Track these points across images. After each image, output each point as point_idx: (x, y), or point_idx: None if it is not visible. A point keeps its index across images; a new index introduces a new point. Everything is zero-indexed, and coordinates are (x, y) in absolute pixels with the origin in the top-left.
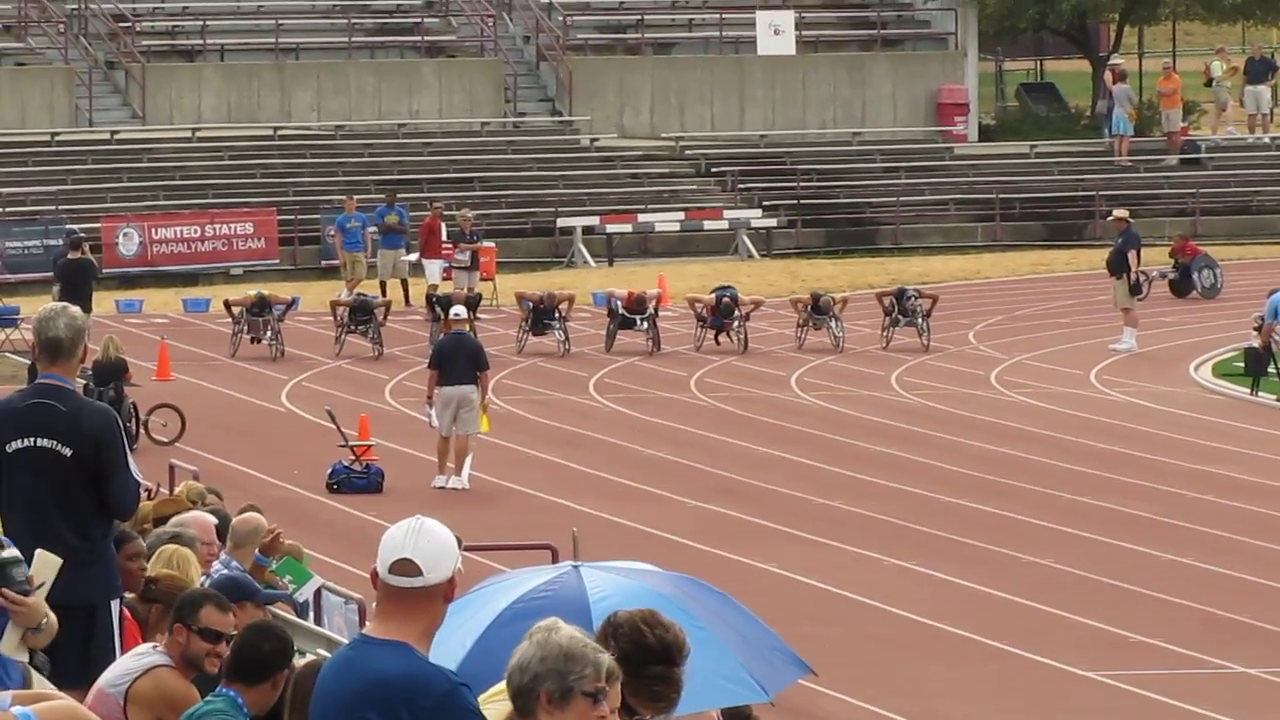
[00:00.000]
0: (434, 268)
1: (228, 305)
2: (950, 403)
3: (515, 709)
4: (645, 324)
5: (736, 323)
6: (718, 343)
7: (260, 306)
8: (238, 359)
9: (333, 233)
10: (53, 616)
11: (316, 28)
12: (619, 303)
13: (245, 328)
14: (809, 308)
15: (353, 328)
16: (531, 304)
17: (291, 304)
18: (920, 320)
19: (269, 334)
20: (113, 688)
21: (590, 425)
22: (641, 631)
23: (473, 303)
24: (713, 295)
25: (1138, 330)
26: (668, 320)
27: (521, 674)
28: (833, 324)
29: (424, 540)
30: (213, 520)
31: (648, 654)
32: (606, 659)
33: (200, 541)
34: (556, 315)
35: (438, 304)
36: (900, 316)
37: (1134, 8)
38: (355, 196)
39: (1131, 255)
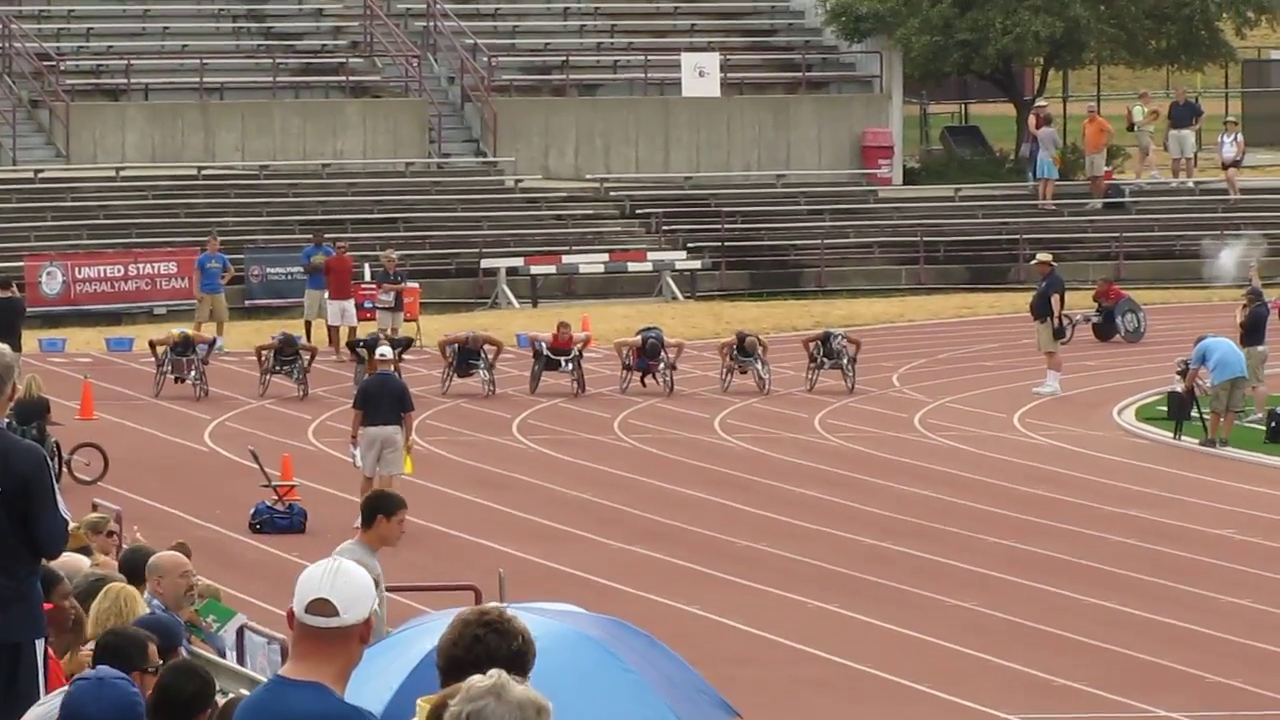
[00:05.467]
0: (336, 308)
1: (152, 345)
2: (873, 445)
3: None
4: (570, 365)
5: (662, 365)
6: (644, 384)
7: (184, 346)
8: (161, 398)
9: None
10: None
11: (241, 67)
12: (543, 344)
13: (169, 368)
14: (734, 350)
15: (277, 368)
16: (456, 345)
17: (212, 344)
18: (845, 363)
19: (193, 374)
20: None
21: (514, 466)
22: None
23: (401, 345)
24: (638, 337)
25: (1061, 374)
26: (593, 362)
27: None
28: (758, 366)
29: (341, 580)
30: (185, 559)
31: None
32: (549, 706)
33: (177, 575)
34: (481, 356)
35: (364, 346)
36: (825, 360)
37: (1058, 52)
38: (219, 237)
39: (1055, 299)
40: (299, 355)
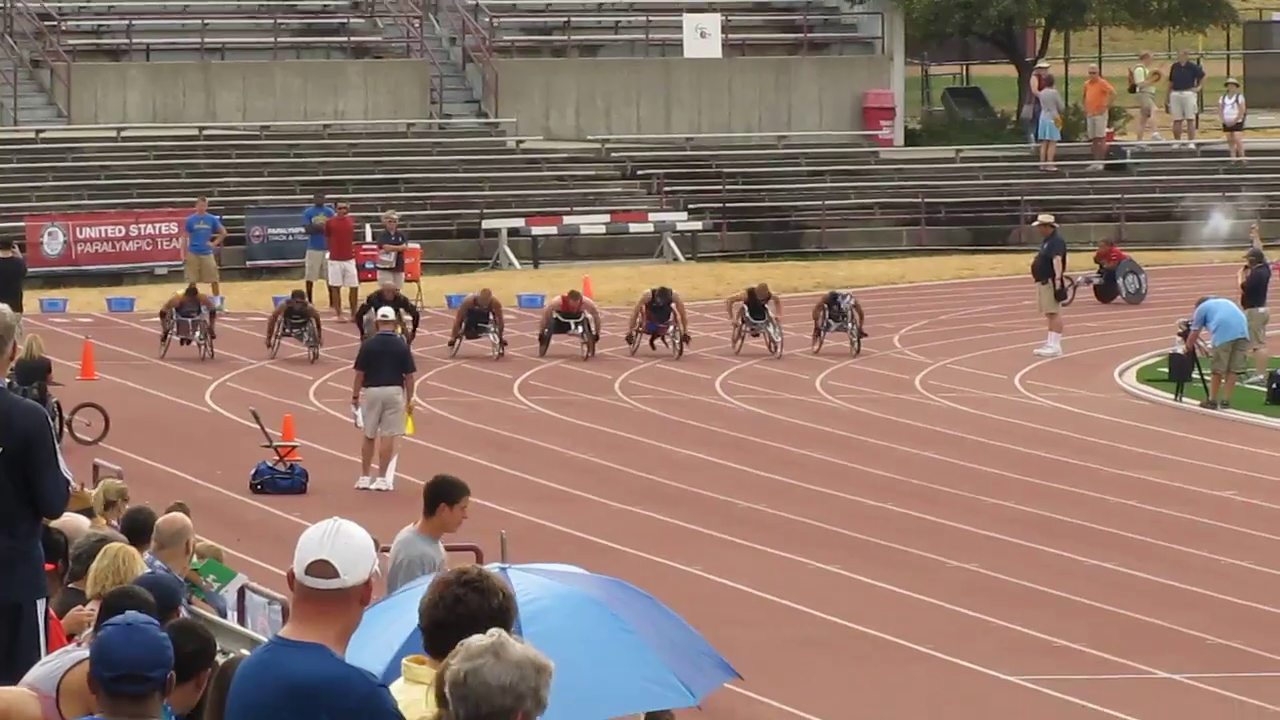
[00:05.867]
0: (337, 269)
1: (163, 315)
2: (875, 407)
3: None
4: (580, 327)
5: (671, 327)
6: (653, 346)
7: (191, 303)
8: (165, 359)
9: (180, 232)
10: None
11: (242, 28)
12: (554, 308)
13: (175, 328)
14: (746, 309)
15: (288, 331)
16: (466, 307)
17: (213, 306)
18: (850, 327)
19: (198, 334)
20: (43, 682)
21: (515, 428)
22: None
23: (405, 304)
24: (649, 293)
25: (1062, 335)
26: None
27: (504, 695)
28: (770, 328)
29: (341, 542)
30: (186, 520)
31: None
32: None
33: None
34: (491, 318)
35: (371, 304)
36: (830, 322)
37: (1060, 14)
38: (208, 199)
39: (1056, 261)
40: (309, 317)
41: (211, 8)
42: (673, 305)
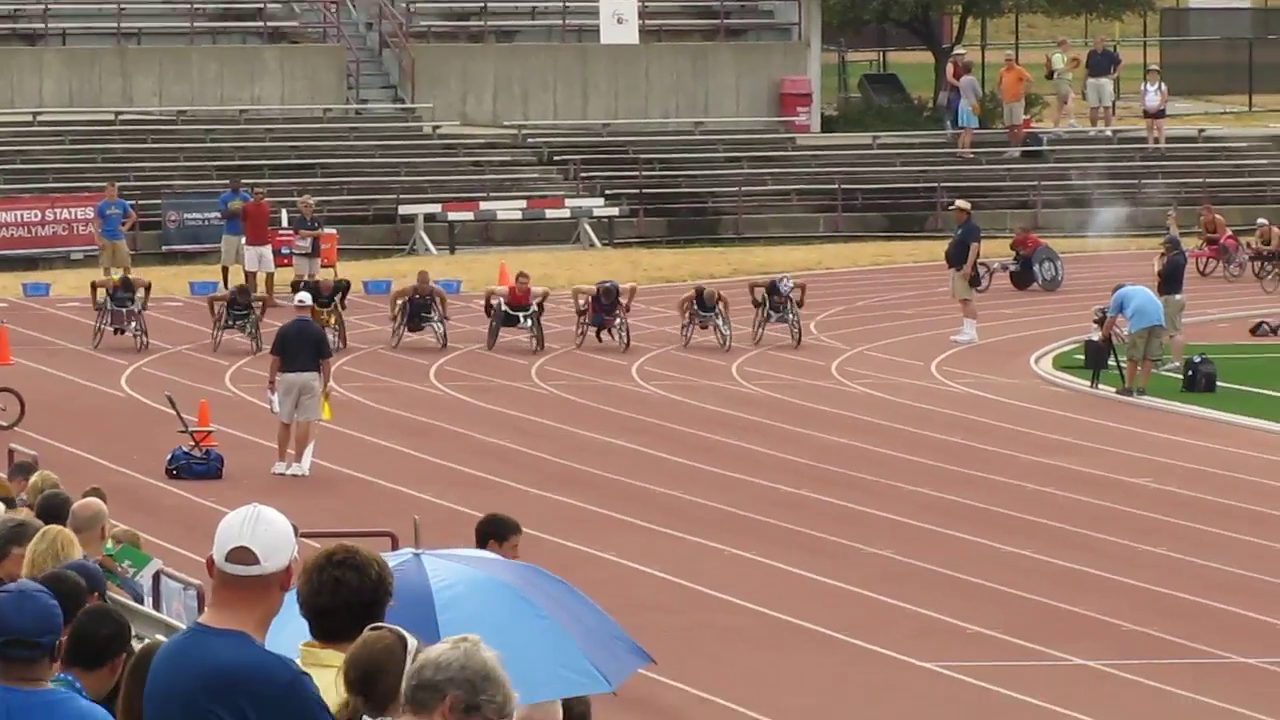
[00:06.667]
0: (253, 254)
1: (94, 286)
2: (791, 393)
3: (407, 697)
4: (529, 321)
5: (618, 320)
6: (599, 339)
7: (125, 291)
8: (80, 344)
9: (92, 218)
10: None
11: (159, 12)
12: (501, 300)
13: (109, 318)
14: (694, 304)
15: (230, 323)
16: (406, 298)
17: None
18: (791, 316)
19: (133, 325)
20: None
21: (431, 413)
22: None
23: (339, 288)
24: (594, 287)
25: (977, 321)
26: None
27: (435, 670)
28: (719, 321)
29: (261, 528)
30: (102, 505)
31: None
32: (515, 698)
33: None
34: (433, 309)
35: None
36: (772, 312)
37: (977, 0)
38: (117, 184)
39: (974, 246)
40: (252, 309)
41: None
42: (620, 298)
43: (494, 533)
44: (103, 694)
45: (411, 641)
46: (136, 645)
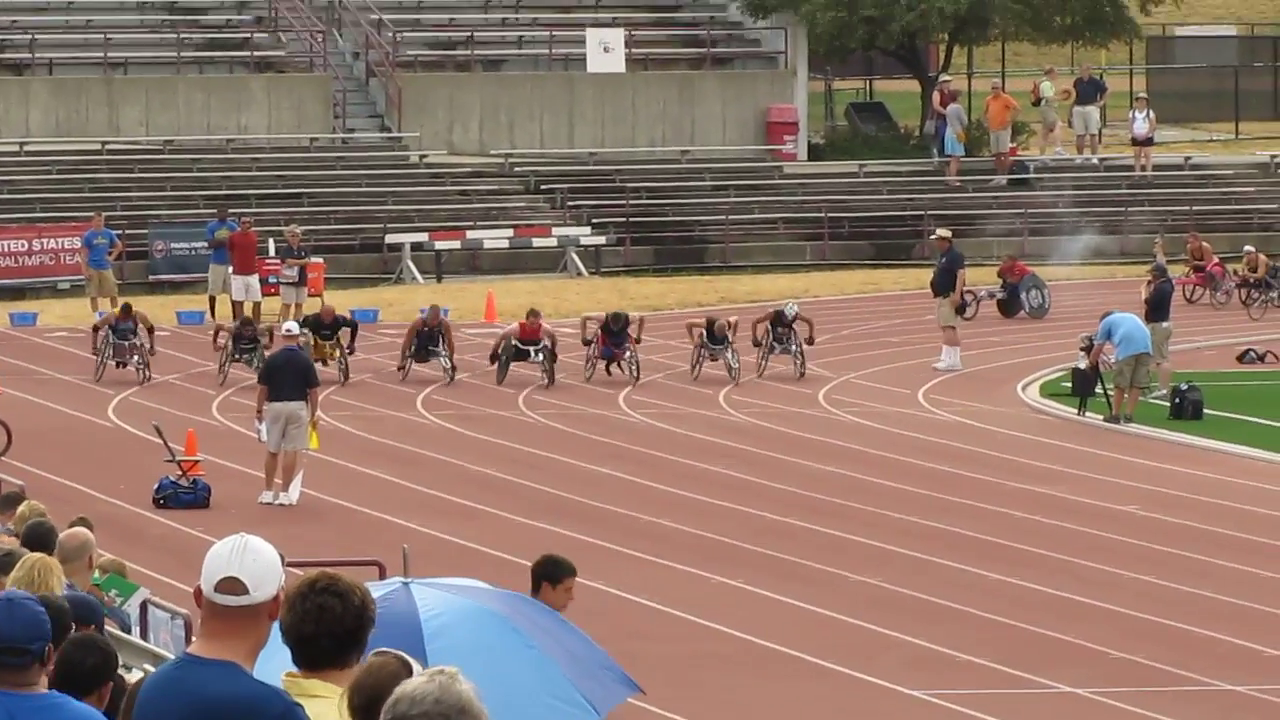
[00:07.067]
0: (240, 283)
1: (95, 330)
2: (778, 421)
3: None
4: (540, 355)
5: (628, 353)
6: (609, 373)
7: (125, 323)
8: (67, 374)
9: (80, 248)
10: None
11: (145, 42)
12: (513, 336)
13: (111, 351)
14: (705, 336)
15: (237, 356)
16: (415, 328)
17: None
18: (795, 349)
19: (135, 359)
20: None
21: (419, 442)
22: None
23: (341, 325)
24: (603, 315)
25: (959, 349)
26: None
27: (411, 704)
28: (728, 354)
29: (249, 558)
30: (89, 534)
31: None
32: None
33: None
34: (441, 342)
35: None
36: (775, 344)
37: (963, 28)
38: (104, 214)
39: (960, 274)
40: (258, 341)
41: (115, 23)
42: (629, 330)
43: (547, 574)
44: None
45: (416, 667)
46: (124, 674)
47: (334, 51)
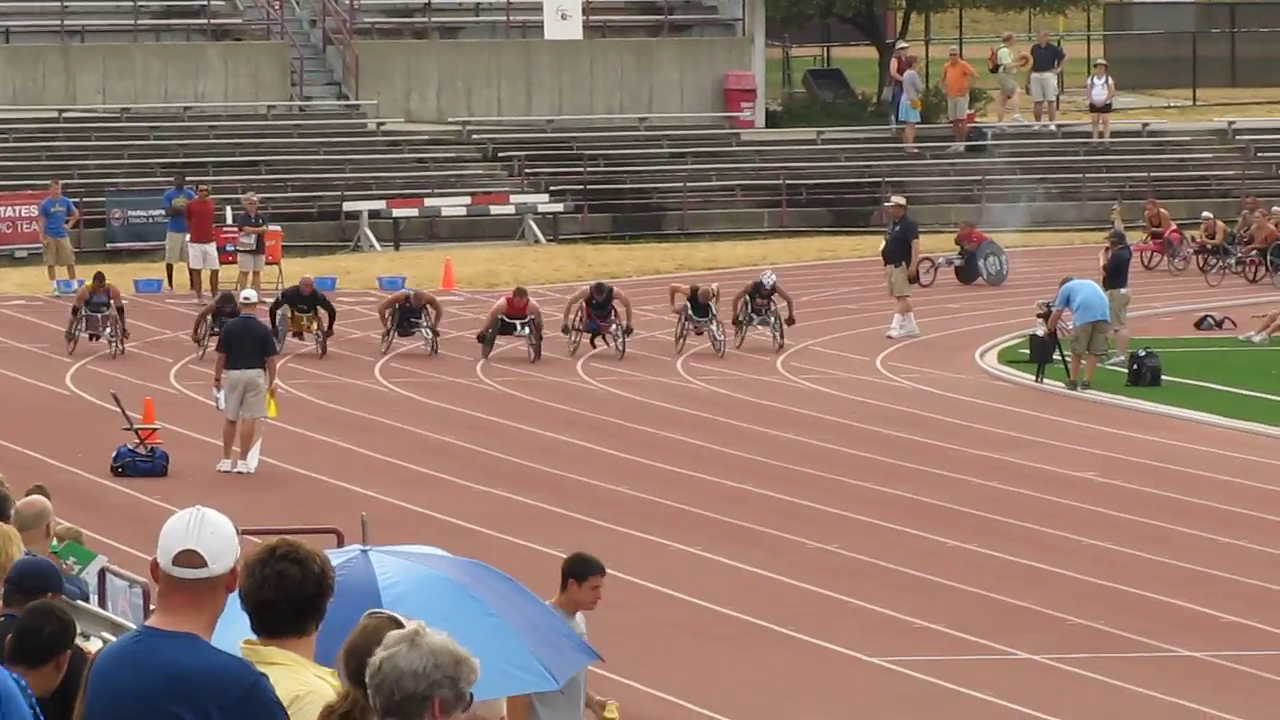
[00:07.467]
0: (198, 251)
1: (75, 311)
2: (736, 388)
3: (387, 710)
4: (527, 329)
5: (614, 326)
6: (593, 345)
7: (99, 295)
8: (24, 342)
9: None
10: None
11: (102, 10)
12: (500, 312)
13: (84, 324)
14: (689, 309)
15: (216, 330)
16: (397, 305)
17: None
18: (773, 319)
19: (109, 330)
20: None
21: (377, 410)
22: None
23: (319, 302)
24: (586, 289)
25: (913, 315)
26: (456, 305)
27: (416, 681)
28: (713, 326)
29: (207, 531)
30: (46, 502)
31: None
32: (477, 662)
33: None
34: (424, 315)
35: (285, 300)
36: (753, 314)
37: None
38: (60, 181)
39: (914, 244)
40: (238, 315)
41: None
42: (614, 302)
43: (575, 572)
44: (49, 691)
45: (409, 625)
46: (82, 642)
47: (291, 19)
